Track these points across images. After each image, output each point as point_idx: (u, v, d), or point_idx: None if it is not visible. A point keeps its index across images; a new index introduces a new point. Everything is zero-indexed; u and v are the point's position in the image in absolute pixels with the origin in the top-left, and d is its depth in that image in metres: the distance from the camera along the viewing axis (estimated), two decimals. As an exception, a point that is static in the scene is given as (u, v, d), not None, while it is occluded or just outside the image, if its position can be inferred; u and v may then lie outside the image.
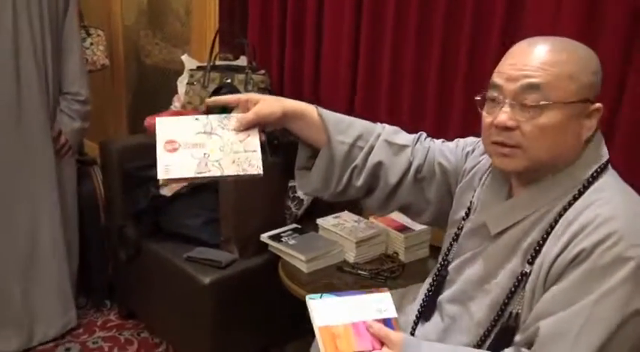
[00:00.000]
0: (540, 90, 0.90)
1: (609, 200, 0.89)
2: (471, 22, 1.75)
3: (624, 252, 0.83)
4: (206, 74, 2.29)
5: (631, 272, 0.83)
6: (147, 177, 2.03)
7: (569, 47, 0.93)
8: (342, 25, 2.14)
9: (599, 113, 0.93)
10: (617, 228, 0.84)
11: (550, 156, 0.92)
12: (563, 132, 0.90)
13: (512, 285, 0.96)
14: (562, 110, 0.89)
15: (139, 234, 2.00)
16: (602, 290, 0.84)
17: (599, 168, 0.93)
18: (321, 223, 1.86)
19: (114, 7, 3.27)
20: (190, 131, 1.11)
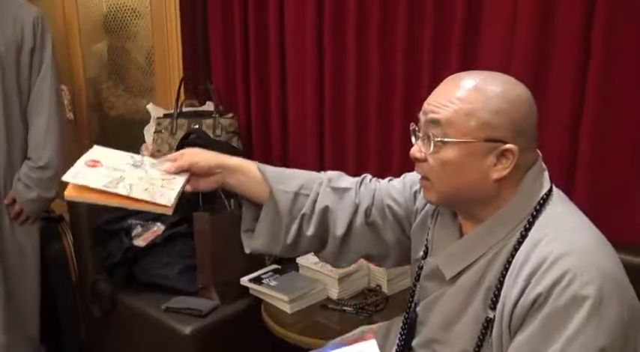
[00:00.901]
0: (441, 126, 0.90)
1: (557, 235, 0.88)
2: (430, 74, 1.81)
3: (580, 291, 0.81)
4: (173, 121, 2.28)
5: (590, 312, 0.81)
6: (119, 230, 1.99)
7: (479, 84, 0.91)
8: (305, 66, 2.18)
9: (514, 154, 0.88)
10: (570, 266, 0.83)
11: (454, 191, 0.93)
12: (462, 168, 0.90)
13: (480, 332, 0.94)
14: (460, 147, 0.89)
15: (113, 288, 1.94)
16: (566, 337, 0.82)
17: (541, 201, 0.91)
18: (301, 262, 1.84)
19: (75, 62, 3.26)
20: (120, 160, 1.10)
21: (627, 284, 0.88)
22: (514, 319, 0.88)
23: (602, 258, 0.86)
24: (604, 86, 1.49)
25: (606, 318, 0.82)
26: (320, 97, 2.18)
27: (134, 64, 3.02)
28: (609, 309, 0.82)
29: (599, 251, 0.87)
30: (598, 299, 0.81)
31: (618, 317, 0.83)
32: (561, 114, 1.57)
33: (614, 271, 0.87)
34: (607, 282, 0.83)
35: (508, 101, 0.89)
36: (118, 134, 3.19)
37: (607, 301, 0.82)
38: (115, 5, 3.00)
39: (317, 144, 2.22)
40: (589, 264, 0.84)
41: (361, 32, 2.00)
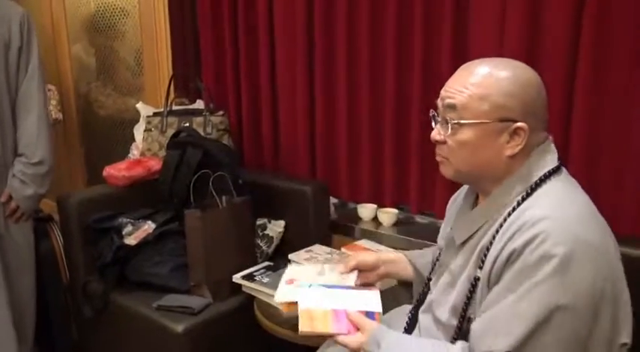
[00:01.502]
0: (456, 110, 0.98)
1: (545, 203, 0.93)
2: (420, 69, 1.82)
3: (550, 250, 0.86)
4: (163, 119, 2.27)
5: (554, 268, 0.85)
6: (109, 229, 1.97)
7: (490, 70, 0.98)
8: (295, 62, 2.18)
9: (525, 132, 0.96)
10: (545, 228, 0.88)
11: (470, 168, 1.01)
12: (479, 148, 0.98)
13: (468, 291, 1.00)
14: (475, 128, 0.97)
15: (105, 288, 1.92)
16: (526, 286, 0.87)
17: (543, 176, 0.97)
18: (293, 258, 1.83)
19: (63, 62, 3.24)
20: (309, 273, 1.35)
21: (609, 258, 0.90)
22: (492, 276, 0.95)
23: (580, 226, 0.89)
24: (594, 79, 1.50)
25: (571, 279, 0.85)
26: (310, 93, 2.18)
27: (123, 63, 3.01)
28: (577, 272, 0.85)
29: (580, 220, 0.91)
30: (566, 259, 0.85)
31: (587, 284, 0.86)
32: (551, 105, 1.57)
33: (593, 241, 0.89)
34: (580, 247, 0.86)
35: (519, 84, 0.96)
36: (108, 133, 3.17)
37: (576, 264, 0.85)
38: (103, 5, 2.98)
39: (308, 140, 2.22)
40: (565, 228, 0.88)
41: (351, 28, 2.00)
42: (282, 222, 2.10)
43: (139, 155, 2.35)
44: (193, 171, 1.98)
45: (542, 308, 0.86)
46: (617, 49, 1.47)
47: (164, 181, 2.07)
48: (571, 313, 0.85)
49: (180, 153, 2.05)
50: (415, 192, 1.96)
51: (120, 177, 2.11)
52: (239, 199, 1.92)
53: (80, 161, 3.35)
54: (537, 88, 0.99)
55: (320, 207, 2.05)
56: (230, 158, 2.02)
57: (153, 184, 2.13)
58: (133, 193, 2.14)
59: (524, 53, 1.57)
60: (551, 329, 0.86)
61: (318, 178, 2.22)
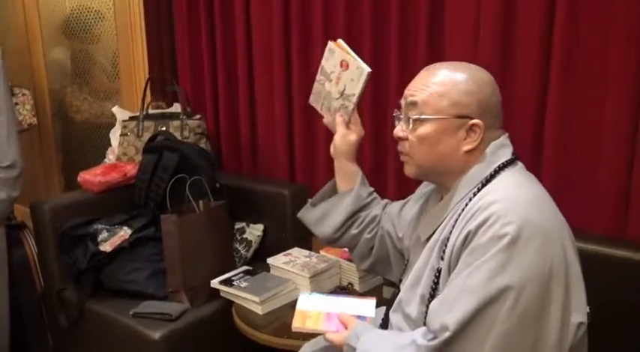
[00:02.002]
0: (418, 107, 1.05)
1: (498, 189, 0.98)
2: (397, 74, 1.83)
3: (499, 230, 0.90)
4: (139, 123, 2.24)
5: (503, 247, 0.89)
6: (84, 235, 1.94)
7: (449, 71, 1.05)
8: (273, 65, 2.17)
9: (480, 128, 1.02)
10: (496, 210, 0.92)
11: (430, 164, 1.07)
12: (438, 142, 1.04)
13: (432, 282, 1.03)
14: (435, 124, 1.04)
15: (80, 296, 1.88)
16: (476, 264, 0.91)
17: (497, 168, 1.02)
18: (271, 262, 1.82)
19: (37, 66, 3.18)
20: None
21: (559, 240, 0.93)
22: (452, 262, 0.99)
23: (529, 208, 0.93)
24: (565, 83, 1.52)
25: (519, 258, 0.89)
26: (288, 96, 2.17)
27: (99, 67, 2.97)
28: (524, 251, 0.89)
29: (530, 204, 0.94)
30: (514, 238, 0.89)
31: (533, 263, 0.89)
32: (525, 112, 1.60)
33: (542, 223, 0.92)
34: (528, 227, 0.90)
35: (475, 84, 1.04)
36: (84, 138, 3.12)
37: (524, 243, 0.89)
38: (77, 8, 2.94)
39: (287, 142, 2.21)
40: (514, 210, 0.92)
41: (327, 32, 2.00)
42: (261, 225, 2.08)
43: (114, 160, 2.32)
44: (170, 175, 1.95)
45: (491, 284, 0.89)
46: (587, 54, 1.49)
47: (140, 186, 2.04)
48: (519, 291, 0.88)
49: (156, 157, 2.02)
50: (394, 193, 1.96)
51: (95, 182, 2.08)
52: (216, 203, 1.90)
53: (56, 167, 3.29)
54: (492, 87, 1.05)
55: (299, 210, 2.03)
56: (207, 162, 2.01)
57: (129, 189, 2.11)
58: (109, 199, 2.11)
59: (497, 64, 1.59)
60: (500, 307, 0.88)
61: (297, 181, 2.21)
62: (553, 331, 0.90)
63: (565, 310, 0.91)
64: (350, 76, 1.31)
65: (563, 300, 0.91)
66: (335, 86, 1.35)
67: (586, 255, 1.41)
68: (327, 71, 1.37)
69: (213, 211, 1.87)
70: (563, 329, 0.91)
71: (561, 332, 0.91)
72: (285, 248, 1.91)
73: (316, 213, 1.42)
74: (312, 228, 1.45)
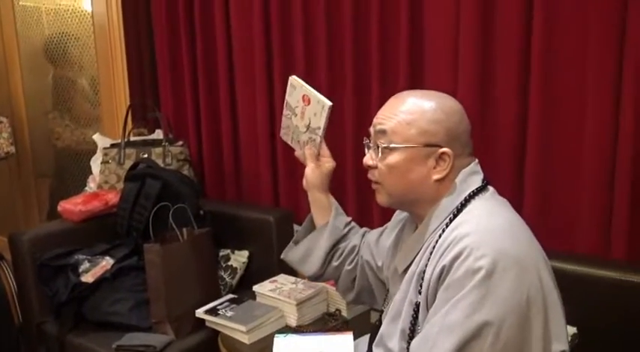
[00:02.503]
0: (387, 135, 1.05)
1: (470, 220, 0.97)
2: (378, 93, 1.84)
3: (473, 264, 0.89)
4: (121, 151, 2.22)
5: (478, 281, 0.88)
6: (65, 266, 1.90)
7: (417, 99, 1.05)
8: (255, 91, 2.17)
9: (449, 156, 1.02)
10: (469, 243, 0.91)
11: (401, 192, 1.06)
12: (407, 171, 1.03)
13: (411, 316, 1.02)
14: (403, 152, 1.03)
15: (61, 329, 1.83)
16: (453, 301, 0.89)
17: (467, 196, 1.01)
18: (257, 290, 1.80)
19: (16, 93, 3.14)
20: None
21: (535, 269, 0.92)
22: (429, 297, 0.97)
23: (502, 238, 0.92)
24: (545, 106, 1.54)
25: (495, 292, 0.87)
26: (270, 121, 2.17)
27: (80, 93, 2.94)
28: (500, 284, 0.87)
29: (503, 234, 0.93)
30: (489, 272, 0.87)
31: (510, 295, 0.87)
32: (506, 136, 1.62)
33: (517, 253, 0.91)
34: (502, 259, 0.89)
35: (443, 112, 1.03)
36: (66, 166, 3.08)
37: (499, 276, 0.88)
38: (57, 34, 2.92)
39: (270, 168, 2.20)
40: (485, 242, 0.91)
41: (309, 59, 2.01)
42: (246, 252, 2.06)
43: (95, 188, 2.28)
44: (152, 203, 1.93)
45: (470, 321, 0.87)
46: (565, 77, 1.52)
47: (122, 215, 2.01)
48: (499, 326, 0.87)
49: (138, 185, 2.00)
50: (378, 218, 1.96)
51: (76, 211, 2.04)
52: (200, 231, 1.88)
53: (35, 195, 3.23)
54: (460, 115, 1.05)
55: (284, 236, 2.02)
56: (190, 189, 1.99)
57: (111, 218, 2.07)
58: (90, 228, 2.07)
59: (477, 89, 1.62)
60: (482, 344, 0.87)
61: (281, 206, 2.20)
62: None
63: (546, 339, 0.90)
64: (313, 110, 1.31)
65: (543, 330, 0.90)
66: (301, 120, 1.34)
67: (571, 275, 1.43)
68: (291, 106, 1.37)
69: (197, 239, 1.85)
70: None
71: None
72: (271, 274, 1.89)
73: (299, 251, 1.39)
74: (297, 267, 1.43)
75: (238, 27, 2.19)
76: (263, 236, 2.01)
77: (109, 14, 2.55)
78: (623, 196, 1.45)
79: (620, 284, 1.39)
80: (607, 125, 1.45)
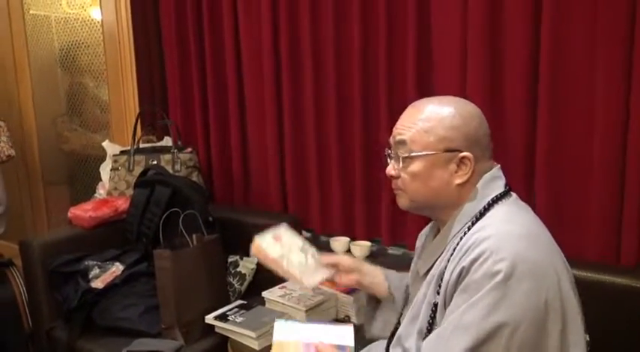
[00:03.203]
0: (406, 145, 1.06)
1: (490, 225, 0.98)
2: (387, 119, 1.85)
3: (492, 267, 0.90)
4: (130, 158, 2.23)
5: (496, 284, 0.89)
6: (75, 272, 1.91)
7: (435, 106, 1.07)
8: (264, 98, 2.19)
9: (470, 160, 1.03)
10: (488, 246, 0.92)
11: (425, 198, 1.07)
12: (429, 178, 1.05)
13: (429, 317, 1.03)
14: (424, 160, 1.05)
15: (71, 334, 1.84)
16: (471, 301, 0.91)
17: (491, 200, 1.03)
18: (267, 296, 1.80)
19: (25, 99, 3.17)
20: (294, 242, 1.45)
21: (554, 275, 0.92)
22: (447, 297, 0.99)
23: (522, 243, 0.93)
24: (554, 112, 1.55)
25: (512, 295, 0.88)
26: (280, 128, 2.18)
27: (91, 99, 2.97)
28: (518, 288, 0.88)
29: (523, 239, 0.94)
30: (507, 275, 0.89)
31: (527, 299, 0.88)
32: (515, 142, 1.63)
33: (536, 258, 0.92)
34: (521, 263, 0.90)
35: (461, 117, 1.05)
36: (75, 172, 3.10)
37: (517, 279, 0.89)
38: (67, 42, 2.96)
39: (279, 174, 2.22)
40: (505, 245, 0.92)
41: (318, 66, 2.03)
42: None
43: (105, 194, 2.30)
44: (162, 209, 1.94)
45: (485, 322, 0.88)
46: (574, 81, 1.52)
47: (132, 221, 2.02)
48: (514, 328, 0.88)
49: (148, 191, 2.01)
50: (387, 224, 1.96)
51: (86, 217, 2.06)
52: (210, 237, 1.88)
53: (43, 202, 3.25)
54: (478, 119, 1.06)
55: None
56: (200, 195, 2.00)
57: (120, 225, 2.08)
58: (100, 234, 2.08)
59: (486, 89, 1.63)
60: (496, 345, 0.88)
61: (289, 212, 2.21)
62: None
63: (563, 344, 0.91)
64: (287, 241, 1.42)
65: (561, 336, 0.90)
66: (293, 254, 1.40)
67: (581, 282, 1.43)
68: (276, 256, 1.39)
69: (206, 245, 1.85)
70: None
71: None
72: (280, 281, 1.89)
73: (379, 324, 1.34)
74: (380, 337, 1.36)
75: (247, 34, 2.21)
76: (272, 242, 2.01)
77: (118, 23, 2.58)
78: (634, 202, 1.45)
79: (631, 290, 1.39)
80: (617, 128, 1.46)
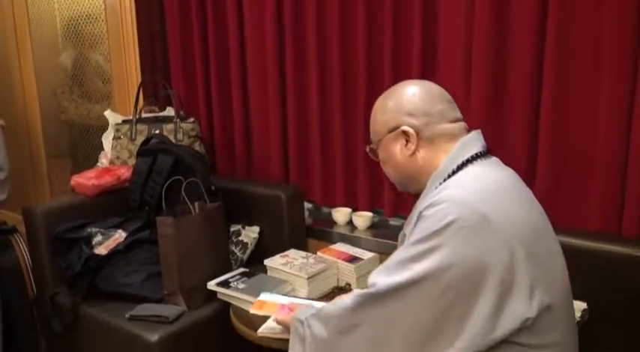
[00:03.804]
0: (372, 141, 1.19)
1: (457, 180, 1.04)
2: (390, 76, 1.85)
3: (441, 213, 0.95)
4: (133, 127, 2.23)
5: (439, 229, 0.94)
6: (78, 239, 1.92)
7: (380, 100, 1.17)
8: (266, 67, 2.17)
9: (408, 132, 1.10)
10: (444, 196, 0.98)
11: (398, 175, 1.17)
12: (391, 159, 1.15)
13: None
14: (380, 146, 1.17)
15: (75, 300, 1.86)
16: (414, 239, 0.97)
17: (464, 161, 1.06)
18: (269, 264, 1.81)
19: (26, 71, 3.15)
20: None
21: (504, 237, 0.93)
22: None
23: (476, 198, 0.96)
24: (559, 80, 1.54)
25: (454, 243, 0.92)
26: (282, 98, 2.17)
27: (92, 70, 2.95)
28: (461, 237, 0.92)
29: (480, 195, 0.98)
30: (449, 223, 0.93)
31: (469, 249, 0.91)
32: (520, 110, 1.63)
33: (488, 213, 0.94)
34: (469, 217, 0.93)
35: (394, 98, 1.14)
36: (77, 143, 3.10)
37: (461, 230, 0.92)
38: (68, 11, 2.92)
39: (281, 145, 2.21)
40: (460, 197, 0.96)
41: (322, 35, 2.01)
42: (257, 227, 2.08)
43: (107, 164, 2.30)
44: (165, 178, 1.94)
45: (419, 264, 0.94)
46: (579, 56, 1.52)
47: (135, 189, 2.03)
48: (447, 274, 0.91)
49: (150, 160, 2.01)
50: (389, 196, 1.97)
51: (89, 185, 2.06)
52: (212, 205, 1.89)
53: (45, 171, 3.26)
54: (412, 93, 1.12)
55: (295, 212, 2.04)
56: (202, 164, 2.00)
57: (122, 193, 2.09)
58: (103, 202, 2.09)
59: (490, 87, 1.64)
60: (423, 286, 0.93)
61: (290, 183, 2.21)
62: (473, 324, 0.91)
63: (498, 308, 0.91)
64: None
65: (498, 298, 0.91)
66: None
67: (583, 251, 1.44)
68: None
69: (209, 213, 1.86)
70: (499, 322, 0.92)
71: (486, 322, 0.91)
72: (281, 250, 1.91)
73: None
74: None
75: (250, 3, 2.18)
76: (274, 212, 2.03)
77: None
78: (637, 173, 1.45)
79: (632, 260, 1.40)
80: (621, 100, 1.45)
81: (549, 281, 0.97)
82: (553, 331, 0.96)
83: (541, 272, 0.95)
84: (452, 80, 1.69)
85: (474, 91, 1.67)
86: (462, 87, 1.69)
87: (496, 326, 0.92)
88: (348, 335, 1.03)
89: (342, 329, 1.04)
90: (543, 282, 0.95)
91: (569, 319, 1.04)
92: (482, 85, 1.66)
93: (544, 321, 0.95)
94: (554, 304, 0.96)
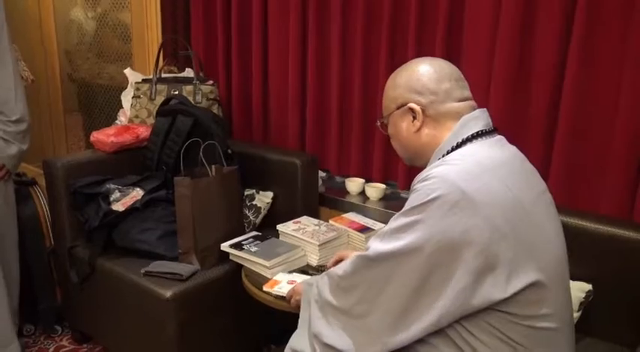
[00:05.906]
0: (383, 115, 1.23)
1: (453, 158, 1.05)
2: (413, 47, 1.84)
3: (427, 188, 0.99)
4: (152, 86, 2.24)
5: (423, 203, 0.98)
6: (97, 194, 1.96)
7: (391, 76, 1.20)
8: (288, 32, 2.16)
9: (415, 109, 1.12)
10: (435, 171, 1.01)
11: (406, 152, 1.20)
12: (398, 133, 1.19)
13: None
14: (389, 121, 1.21)
15: (92, 253, 1.91)
16: (403, 211, 1.02)
17: (464, 139, 1.09)
18: (281, 229, 1.85)
19: (47, 26, 3.16)
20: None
21: (487, 217, 0.95)
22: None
23: (465, 176, 0.98)
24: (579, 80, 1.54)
25: (430, 218, 0.96)
26: (302, 66, 2.17)
27: (110, 29, 2.95)
28: (445, 213, 0.95)
29: (469, 172, 1.00)
30: (435, 198, 0.97)
31: (451, 226, 0.95)
32: (539, 97, 1.63)
33: (473, 193, 0.96)
34: (456, 193, 0.96)
35: (403, 76, 1.17)
36: (97, 101, 3.12)
37: (446, 206, 0.95)
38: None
39: (299, 113, 2.22)
40: (449, 175, 0.99)
41: (345, 4, 2.00)
42: (271, 193, 2.11)
43: (126, 122, 2.33)
44: (183, 139, 1.97)
45: (408, 235, 0.99)
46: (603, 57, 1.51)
47: (153, 149, 2.06)
48: (428, 245, 0.96)
49: (170, 120, 2.03)
50: (403, 168, 1.98)
51: (108, 142, 2.09)
52: (228, 168, 1.92)
53: (64, 127, 3.30)
54: (421, 71, 1.14)
55: (309, 180, 2.06)
56: (220, 128, 2.02)
57: (140, 152, 2.12)
58: (121, 159, 2.12)
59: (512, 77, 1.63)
60: (412, 254, 0.98)
61: (306, 150, 2.23)
62: (449, 293, 0.96)
63: (478, 280, 0.94)
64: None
65: (478, 270, 0.94)
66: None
67: (595, 235, 1.46)
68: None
69: (225, 176, 1.89)
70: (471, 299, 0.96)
71: (461, 293, 0.95)
72: (294, 216, 1.94)
73: None
74: None
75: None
76: (288, 178, 2.05)
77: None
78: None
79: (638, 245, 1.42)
80: None
81: (537, 257, 0.98)
82: (541, 304, 0.98)
83: (526, 249, 0.97)
84: (474, 64, 1.69)
85: (496, 75, 1.66)
86: (484, 71, 1.69)
87: (471, 299, 0.95)
88: (350, 293, 1.10)
89: (344, 288, 1.11)
90: (529, 259, 0.97)
91: (562, 291, 1.05)
92: (503, 69, 1.65)
93: (531, 295, 0.97)
94: (544, 278, 0.98)
